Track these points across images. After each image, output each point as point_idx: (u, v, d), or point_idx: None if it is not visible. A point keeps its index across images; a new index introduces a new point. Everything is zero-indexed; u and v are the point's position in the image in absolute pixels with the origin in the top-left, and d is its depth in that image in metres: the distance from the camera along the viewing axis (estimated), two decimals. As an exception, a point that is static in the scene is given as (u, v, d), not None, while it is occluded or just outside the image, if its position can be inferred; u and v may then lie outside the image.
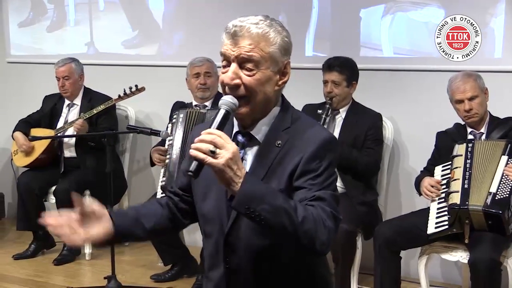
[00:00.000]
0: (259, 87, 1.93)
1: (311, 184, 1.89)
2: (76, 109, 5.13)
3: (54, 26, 5.84)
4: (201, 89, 4.59)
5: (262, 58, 1.92)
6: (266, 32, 1.92)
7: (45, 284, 4.54)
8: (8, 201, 6.18)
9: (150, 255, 4.91)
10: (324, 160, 1.91)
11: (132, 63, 5.49)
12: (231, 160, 1.78)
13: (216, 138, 1.79)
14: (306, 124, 1.99)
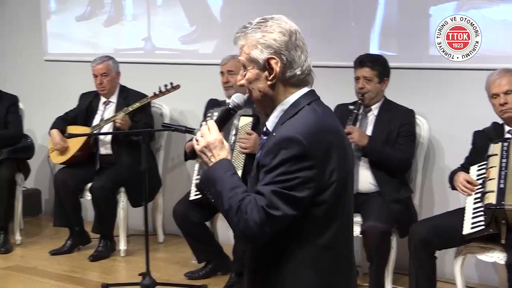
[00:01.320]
0: (250, 85, 2.10)
1: (263, 178, 1.99)
2: (112, 107, 5.17)
3: (111, 21, 5.81)
4: (225, 88, 4.60)
5: (246, 60, 2.09)
6: (245, 35, 2.08)
7: (81, 280, 4.58)
8: (45, 197, 6.26)
9: (185, 253, 4.93)
10: (277, 157, 1.96)
11: (168, 61, 5.51)
12: (205, 148, 2.09)
13: (203, 129, 2.12)
14: (293, 120, 2.04)
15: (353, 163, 2.16)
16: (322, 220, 2.01)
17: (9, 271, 4.79)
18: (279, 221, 1.95)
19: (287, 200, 1.94)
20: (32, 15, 6.19)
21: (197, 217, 4.49)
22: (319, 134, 1.99)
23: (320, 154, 1.97)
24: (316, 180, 1.96)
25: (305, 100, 2.08)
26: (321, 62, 4.46)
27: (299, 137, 1.96)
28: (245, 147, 4.30)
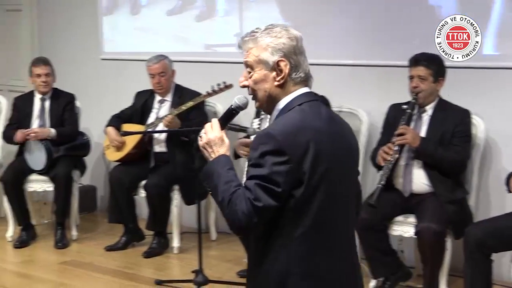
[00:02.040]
0: (257, 86, 2.27)
1: (248, 171, 2.18)
2: (167, 105, 5.22)
3: (202, 16, 5.76)
4: None
5: (254, 62, 2.26)
6: (254, 38, 2.26)
7: (135, 276, 4.64)
8: (100, 194, 6.35)
9: (237, 251, 4.94)
10: (256, 151, 2.16)
11: (220, 59, 5.54)
12: (206, 144, 2.29)
13: (207, 127, 2.31)
14: (278, 119, 2.24)
15: (346, 166, 2.28)
16: (298, 212, 2.16)
17: (66, 265, 4.89)
18: (264, 212, 2.12)
19: (268, 192, 2.11)
20: (89, 14, 6.29)
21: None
22: (296, 133, 2.16)
23: (296, 151, 2.13)
24: (292, 174, 2.12)
25: (298, 101, 2.25)
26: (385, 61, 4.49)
27: (275, 133, 2.15)
28: None
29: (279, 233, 2.18)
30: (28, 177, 5.34)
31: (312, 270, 2.19)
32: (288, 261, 2.18)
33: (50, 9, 6.57)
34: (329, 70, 4.98)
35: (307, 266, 2.19)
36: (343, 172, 2.26)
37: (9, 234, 5.44)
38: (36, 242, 5.38)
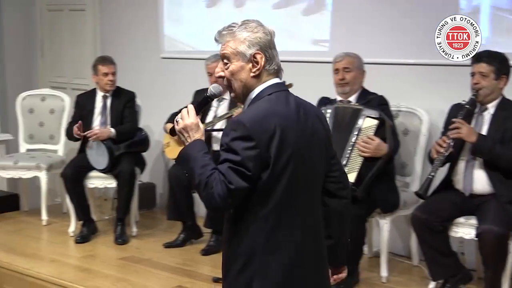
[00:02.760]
0: (234, 76, 2.44)
1: (221, 155, 2.35)
2: (225, 104, 5.24)
3: (311, 10, 5.63)
4: (340, 85, 4.57)
5: (232, 54, 2.43)
6: (232, 32, 2.43)
7: (193, 273, 4.67)
8: (160, 191, 6.43)
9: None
10: (228, 136, 2.34)
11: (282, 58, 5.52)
12: (183, 129, 2.45)
13: (183, 112, 2.46)
14: (250, 107, 2.42)
15: (312, 151, 2.44)
16: (264, 193, 2.34)
17: (126, 261, 4.96)
18: (236, 193, 2.30)
19: (240, 175, 2.29)
20: (151, 13, 6.37)
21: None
22: (263, 120, 2.33)
23: (262, 137, 2.31)
24: (260, 158, 2.31)
25: (268, 91, 2.43)
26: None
27: (244, 121, 2.33)
28: (365, 152, 4.25)
29: (247, 214, 2.36)
30: (89, 173, 5.44)
31: (275, 247, 2.37)
32: (254, 239, 2.36)
33: (112, 9, 6.68)
34: (388, 69, 4.94)
35: (271, 243, 2.36)
36: (309, 156, 2.43)
37: (71, 230, 5.55)
38: (97, 238, 5.48)
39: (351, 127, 4.36)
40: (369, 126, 4.31)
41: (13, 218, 6.09)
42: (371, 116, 4.32)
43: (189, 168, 2.38)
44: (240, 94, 2.47)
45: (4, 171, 5.92)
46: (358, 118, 4.35)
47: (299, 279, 2.42)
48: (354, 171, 4.23)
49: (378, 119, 4.30)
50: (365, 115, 4.33)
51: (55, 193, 6.63)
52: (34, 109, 6.29)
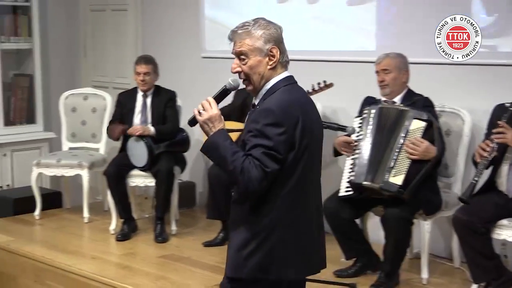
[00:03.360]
0: (252, 70, 2.68)
1: (249, 140, 2.58)
2: (266, 103, 5.25)
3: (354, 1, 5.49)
4: (380, 86, 4.53)
5: (249, 50, 2.67)
6: (248, 31, 2.67)
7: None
8: (199, 190, 6.45)
9: (333, 250, 4.89)
10: (259, 124, 2.56)
11: (323, 58, 5.51)
12: (208, 120, 2.65)
13: (205, 104, 2.67)
14: (274, 96, 2.65)
15: (319, 135, 2.77)
16: (286, 174, 2.61)
17: (165, 259, 4.99)
18: (271, 175, 2.55)
19: (273, 158, 2.54)
20: (192, 13, 6.40)
21: (348, 214, 4.46)
22: (288, 108, 2.60)
23: (289, 123, 2.57)
24: (288, 142, 2.57)
25: (283, 83, 2.69)
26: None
27: (274, 108, 2.57)
28: (414, 154, 4.21)
29: (272, 191, 2.61)
30: (130, 172, 5.49)
31: (293, 221, 2.67)
32: (279, 212, 2.64)
33: (154, 9, 6.73)
34: (431, 69, 4.88)
35: (292, 215, 2.66)
36: (317, 143, 2.75)
37: (112, 227, 5.61)
38: (137, 236, 5.53)
39: (397, 128, 4.32)
40: (416, 128, 4.25)
41: (56, 215, 6.17)
42: (418, 117, 4.27)
43: (220, 156, 2.58)
44: (259, 86, 2.71)
45: (47, 169, 6.00)
46: (405, 119, 4.30)
47: (312, 246, 2.78)
48: (402, 174, 4.19)
49: (426, 121, 4.25)
50: (412, 117, 4.29)
51: (97, 191, 6.70)
52: (77, 108, 6.37)
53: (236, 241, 2.72)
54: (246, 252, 2.68)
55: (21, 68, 6.89)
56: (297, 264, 2.73)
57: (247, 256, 2.68)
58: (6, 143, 6.51)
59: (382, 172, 4.28)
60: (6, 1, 6.58)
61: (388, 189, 4.23)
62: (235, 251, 2.72)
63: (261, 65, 2.68)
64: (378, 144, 4.37)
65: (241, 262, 2.70)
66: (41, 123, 6.80)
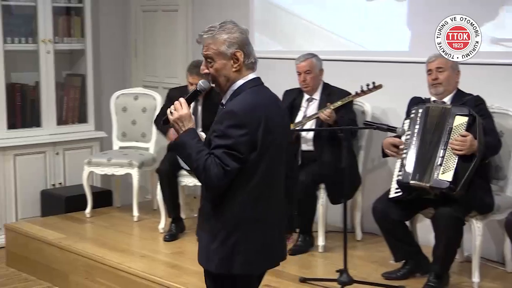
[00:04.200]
0: (218, 73, 2.82)
1: (213, 141, 2.75)
2: (315, 104, 5.23)
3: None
4: (433, 85, 4.48)
5: (214, 54, 2.80)
6: (212, 36, 2.80)
7: (279, 272, 4.66)
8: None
9: (383, 252, 4.88)
10: (222, 124, 2.73)
11: (371, 59, 5.48)
12: (178, 119, 2.79)
13: (177, 104, 2.81)
14: (240, 98, 2.79)
15: (281, 136, 2.88)
16: (250, 171, 2.76)
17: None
18: (231, 174, 2.71)
19: (234, 158, 2.70)
20: (242, 13, 6.41)
21: (397, 215, 4.42)
22: (252, 109, 2.75)
23: (251, 125, 2.72)
24: (250, 142, 2.72)
25: (250, 84, 2.83)
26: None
27: (236, 110, 2.73)
28: (460, 149, 4.16)
29: (235, 189, 2.76)
30: (180, 171, 5.52)
31: (258, 215, 2.81)
32: (242, 209, 2.78)
33: (204, 9, 6.76)
34: (482, 69, 4.81)
35: (255, 212, 2.80)
36: (281, 142, 2.88)
37: (161, 226, 5.66)
38: (185, 235, 5.56)
39: (441, 126, 4.30)
40: (460, 124, 4.23)
41: (106, 213, 6.26)
42: (460, 113, 4.24)
43: (186, 154, 2.75)
44: (225, 88, 2.85)
45: (98, 167, 6.09)
46: (448, 117, 4.27)
47: (274, 241, 2.91)
48: (450, 170, 4.16)
49: (468, 116, 4.22)
50: (454, 113, 4.25)
51: (146, 190, 6.78)
52: (127, 108, 6.45)
53: (205, 235, 2.88)
54: (213, 247, 2.83)
55: (74, 68, 7.00)
56: (261, 259, 2.88)
57: (214, 251, 2.83)
58: (58, 142, 6.61)
59: (430, 170, 4.24)
60: (60, 3, 6.68)
61: (438, 186, 4.19)
62: (205, 245, 2.88)
63: (226, 68, 2.81)
64: (425, 143, 4.34)
65: (210, 256, 2.85)
66: (92, 123, 6.89)
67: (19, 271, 5.72)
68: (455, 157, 4.18)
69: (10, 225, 6.02)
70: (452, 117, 4.26)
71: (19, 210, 6.39)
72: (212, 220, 2.83)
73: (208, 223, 2.86)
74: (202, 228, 2.94)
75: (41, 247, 5.53)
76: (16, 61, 6.56)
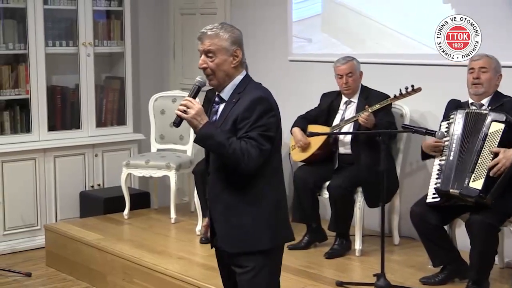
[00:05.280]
0: (218, 67, 3.02)
1: (245, 126, 2.93)
2: (353, 107, 5.20)
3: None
4: (473, 85, 4.42)
5: (217, 49, 3.01)
6: (217, 33, 3.02)
7: (316, 276, 4.66)
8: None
9: (421, 257, 4.83)
10: (254, 112, 2.93)
11: (409, 61, 5.42)
12: (196, 115, 2.94)
13: (188, 103, 2.97)
14: (251, 89, 3.02)
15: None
16: (273, 153, 3.03)
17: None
18: (266, 153, 2.95)
19: (268, 138, 2.95)
20: (279, 16, 6.41)
21: (436, 220, 4.38)
22: (271, 96, 3.07)
23: (276, 108, 3.03)
24: (276, 124, 3.01)
25: (247, 79, 3.08)
26: None
27: (264, 96, 3.00)
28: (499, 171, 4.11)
29: (263, 169, 2.98)
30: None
31: (279, 195, 3.12)
32: (269, 188, 3.05)
33: (242, 13, 6.77)
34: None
35: (274, 192, 3.08)
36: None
37: (198, 228, 5.68)
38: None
39: (478, 132, 4.26)
40: (496, 131, 4.17)
41: (144, 215, 6.30)
42: (497, 120, 4.18)
43: (216, 143, 2.90)
44: (222, 82, 3.05)
45: (136, 169, 6.14)
46: (484, 123, 4.22)
47: (286, 215, 3.21)
48: (481, 178, 4.10)
49: (505, 123, 4.15)
50: (491, 120, 4.19)
51: (183, 192, 6.81)
52: (165, 110, 6.49)
53: (246, 220, 3.03)
54: (260, 226, 3.04)
55: (113, 71, 7.07)
56: (286, 230, 3.20)
57: (262, 230, 3.05)
58: (97, 143, 6.68)
59: (463, 178, 4.19)
60: (100, 7, 6.76)
61: (468, 194, 4.14)
62: (249, 230, 3.04)
63: (226, 63, 3.02)
64: (463, 150, 4.30)
65: (259, 236, 3.05)
66: (131, 125, 6.95)
67: (58, 271, 5.79)
68: (487, 165, 4.12)
69: (49, 226, 6.10)
70: (488, 123, 4.21)
71: (59, 211, 6.48)
72: (234, 198, 3.03)
73: (247, 207, 3.03)
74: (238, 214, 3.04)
75: (80, 248, 5.59)
76: (57, 64, 6.66)
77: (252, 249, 3.06)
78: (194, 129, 2.96)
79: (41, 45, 6.31)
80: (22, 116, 6.37)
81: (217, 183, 3.09)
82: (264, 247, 3.07)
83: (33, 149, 6.32)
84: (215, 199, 3.12)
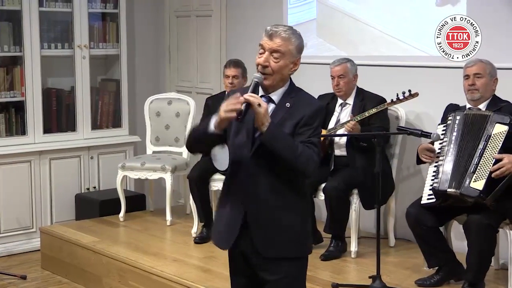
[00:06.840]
0: (280, 70, 2.97)
1: (307, 132, 2.94)
2: (348, 109, 5.21)
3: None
4: (469, 91, 4.44)
5: (285, 52, 2.95)
6: (290, 37, 2.96)
7: (312, 278, 4.65)
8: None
9: (416, 258, 4.84)
10: (317, 119, 2.98)
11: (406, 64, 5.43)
12: (266, 111, 2.86)
13: (260, 99, 2.88)
14: (305, 95, 3.06)
15: None
16: None
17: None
18: (320, 159, 2.99)
19: (320, 144, 3.01)
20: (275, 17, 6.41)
21: (431, 221, 4.38)
22: None
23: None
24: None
25: (293, 84, 3.07)
26: None
27: (322, 106, 3.09)
28: (502, 174, 4.13)
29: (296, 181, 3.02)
30: (213, 176, 5.54)
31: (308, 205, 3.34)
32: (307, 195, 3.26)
33: (238, 14, 6.78)
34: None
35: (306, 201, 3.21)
36: None
37: (194, 230, 5.68)
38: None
39: (479, 133, 4.25)
40: (499, 133, 4.17)
41: (140, 217, 6.30)
42: (501, 122, 4.18)
43: (287, 142, 2.87)
44: (275, 84, 3.00)
45: (132, 172, 6.14)
46: (487, 124, 4.22)
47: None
48: (482, 179, 4.11)
49: (509, 125, 4.15)
50: (494, 121, 4.20)
51: (179, 195, 6.81)
52: (161, 112, 6.49)
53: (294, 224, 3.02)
54: (303, 233, 3.08)
55: (108, 73, 7.07)
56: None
57: (305, 236, 3.10)
58: (93, 146, 6.68)
59: (463, 178, 4.20)
60: (96, 9, 6.76)
61: (468, 194, 4.15)
62: (293, 236, 3.02)
63: (286, 68, 2.99)
64: (463, 151, 4.30)
65: (303, 241, 3.08)
66: (126, 127, 6.95)
67: (54, 274, 5.78)
68: (489, 166, 4.13)
69: (45, 228, 6.09)
70: (492, 124, 4.21)
71: (54, 213, 6.47)
72: (295, 208, 3.03)
73: (292, 213, 3.01)
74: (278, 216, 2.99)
75: (75, 250, 5.59)
76: (53, 67, 6.65)
77: (298, 254, 3.06)
78: (261, 124, 2.85)
79: (37, 47, 6.31)
80: (17, 118, 6.37)
81: (261, 184, 2.97)
82: (305, 253, 3.11)
83: (28, 151, 6.31)
84: (257, 200, 2.98)
